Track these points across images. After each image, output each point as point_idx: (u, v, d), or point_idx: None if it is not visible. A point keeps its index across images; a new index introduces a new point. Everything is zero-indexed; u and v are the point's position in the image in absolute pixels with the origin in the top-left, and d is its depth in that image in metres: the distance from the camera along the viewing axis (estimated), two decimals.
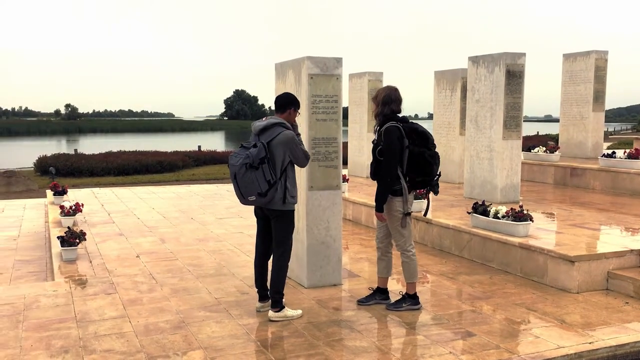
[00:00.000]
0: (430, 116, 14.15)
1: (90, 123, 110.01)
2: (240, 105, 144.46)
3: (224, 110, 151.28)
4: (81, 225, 8.98)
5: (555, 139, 22.41)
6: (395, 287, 5.72)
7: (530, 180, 11.85)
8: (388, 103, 5.02)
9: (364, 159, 12.67)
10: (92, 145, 45.19)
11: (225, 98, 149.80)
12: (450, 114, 11.56)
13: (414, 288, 5.28)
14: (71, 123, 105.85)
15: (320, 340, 4.54)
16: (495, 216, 6.72)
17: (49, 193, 11.56)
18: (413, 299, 5.26)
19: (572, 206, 8.88)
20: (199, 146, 31.74)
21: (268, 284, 5.12)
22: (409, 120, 5.05)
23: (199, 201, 11.94)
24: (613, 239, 6.58)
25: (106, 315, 5.09)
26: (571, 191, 10.59)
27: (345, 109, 5.95)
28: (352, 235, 8.53)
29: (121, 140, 56.72)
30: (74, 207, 8.93)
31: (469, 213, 7.13)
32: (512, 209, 6.70)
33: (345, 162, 13.34)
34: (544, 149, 12.13)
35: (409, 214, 5.09)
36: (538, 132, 43.06)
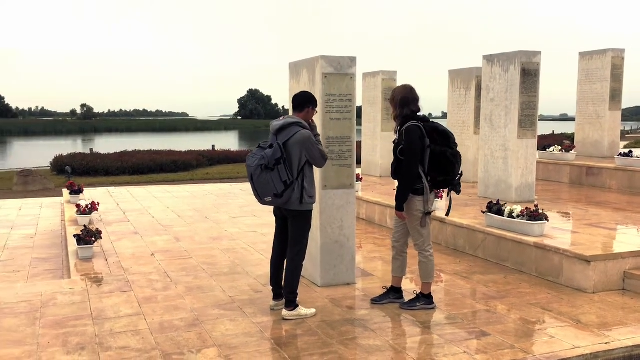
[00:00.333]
0: (444, 115, 14.09)
1: (105, 123, 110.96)
2: (254, 105, 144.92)
3: (238, 109, 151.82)
4: (97, 224, 9.06)
5: (571, 138, 22.21)
6: (409, 287, 5.71)
7: (546, 180, 11.76)
8: (406, 104, 5.00)
9: (378, 158, 12.65)
10: (108, 144, 45.60)
11: (239, 97, 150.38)
12: (464, 113, 11.50)
13: (429, 288, 5.26)
14: (87, 123, 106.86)
15: (334, 338, 4.55)
16: (510, 215, 6.68)
17: (65, 192, 11.69)
18: (427, 299, 5.25)
19: (588, 206, 8.79)
20: (213, 145, 31.91)
21: (283, 282, 5.14)
22: (430, 120, 5.03)
23: (213, 200, 11.99)
24: (630, 239, 6.51)
25: (122, 313, 5.14)
26: (587, 191, 10.49)
27: (359, 109, 5.94)
28: (366, 235, 8.52)
29: (136, 139, 57.15)
30: (90, 206, 9.02)
31: (484, 212, 7.10)
32: (527, 208, 6.65)
33: (359, 162, 13.34)
34: (560, 148, 12.03)
35: (430, 213, 5.08)
36: (554, 131, 42.70)
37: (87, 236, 7.09)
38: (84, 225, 7.64)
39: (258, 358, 4.19)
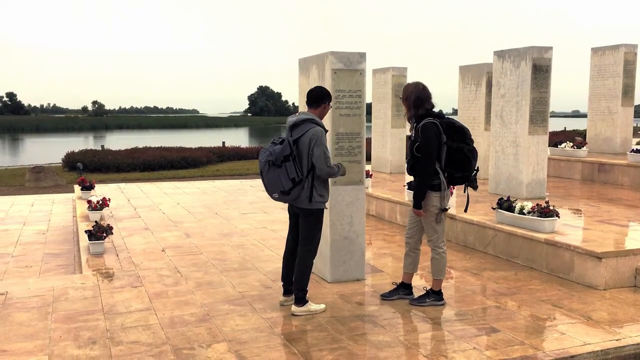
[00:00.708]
0: (455, 112, 14.03)
1: (116, 119, 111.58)
2: (264, 102, 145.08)
3: (248, 106, 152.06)
4: (108, 220, 9.12)
5: (583, 134, 22.04)
6: (419, 283, 5.70)
7: (557, 176, 11.69)
8: (421, 104, 4.97)
9: (388, 154, 12.63)
10: (119, 141, 45.85)
11: (249, 94, 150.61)
12: (475, 109, 11.45)
13: (439, 285, 5.25)
14: (98, 119, 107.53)
15: (344, 334, 4.55)
16: (521, 212, 6.65)
17: (77, 188, 11.77)
18: (437, 295, 5.24)
19: (600, 202, 8.73)
20: (223, 142, 31.99)
21: (293, 279, 5.15)
22: (445, 116, 5.01)
23: (223, 196, 12.03)
24: None
25: (132, 308, 5.17)
26: (599, 187, 10.42)
27: (368, 105, 5.92)
28: (376, 231, 8.52)
29: (147, 136, 57.41)
30: (101, 202, 9.08)
31: (494, 209, 7.07)
32: (538, 204, 6.61)
33: (368, 158, 13.32)
34: (571, 144, 11.95)
35: (446, 209, 5.07)
36: (565, 128, 42.41)
37: (99, 232, 7.14)
38: (95, 221, 7.70)
39: (268, 353, 4.20)
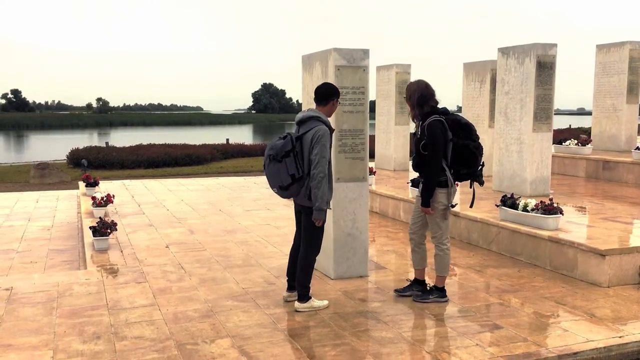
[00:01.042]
0: (459, 109, 14.00)
1: (120, 116, 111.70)
2: (268, 99, 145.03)
3: (252, 103, 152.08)
4: (112, 216, 9.15)
5: (588, 132, 21.98)
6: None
7: (562, 174, 11.66)
8: (425, 102, 4.97)
9: (392, 151, 12.62)
10: (123, 138, 45.94)
11: (253, 91, 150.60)
12: (479, 106, 11.43)
13: (443, 282, 5.26)
14: (102, 116, 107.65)
15: (347, 330, 4.57)
16: (525, 209, 6.64)
17: (81, 185, 11.81)
18: (440, 292, 5.24)
19: (604, 200, 8.71)
20: (227, 139, 31.99)
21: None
22: (450, 112, 5.00)
23: (227, 193, 12.05)
24: None
25: (137, 303, 5.20)
26: (603, 185, 10.39)
27: (372, 102, 5.92)
28: (379, 228, 8.52)
29: (151, 133, 57.50)
30: (105, 199, 9.11)
31: (498, 206, 7.06)
32: (542, 201, 6.61)
33: (372, 155, 13.31)
34: (576, 141, 11.91)
35: (452, 206, 5.07)
36: (570, 125, 42.27)
37: (103, 228, 7.17)
38: (100, 217, 7.73)
39: (271, 349, 4.22)
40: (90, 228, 7.39)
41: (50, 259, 7.46)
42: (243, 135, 51.77)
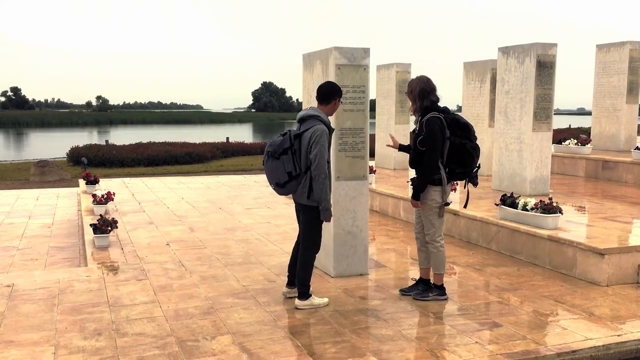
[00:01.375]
0: (459, 108, 14.02)
1: (120, 114, 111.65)
2: (268, 98, 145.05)
3: (252, 102, 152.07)
4: (112, 214, 9.17)
5: (588, 131, 22.00)
6: (415, 276, 5.71)
7: (561, 173, 11.69)
8: (425, 96, 4.99)
9: (391, 150, 12.62)
10: (123, 136, 45.95)
11: (253, 90, 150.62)
12: (479, 105, 11.44)
13: (441, 279, 5.28)
14: (102, 114, 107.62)
15: (347, 327, 4.59)
16: (524, 208, 6.66)
17: (82, 182, 11.83)
18: (440, 290, 5.26)
19: (604, 199, 8.74)
20: (227, 138, 32.00)
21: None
22: (451, 111, 5.03)
23: (227, 192, 12.07)
24: None
25: (137, 300, 5.22)
26: (603, 184, 10.41)
27: (372, 101, 5.94)
28: (379, 227, 8.54)
29: (151, 131, 57.50)
30: (105, 196, 9.13)
31: (498, 205, 7.08)
32: (541, 201, 6.63)
33: (372, 154, 13.32)
34: (576, 141, 11.94)
35: (447, 204, 5.09)
36: (570, 125, 42.30)
37: (104, 225, 7.19)
38: (100, 215, 7.74)
39: (271, 346, 4.24)
40: (90, 225, 7.40)
41: (50, 256, 7.47)
42: (243, 134, 51.78)
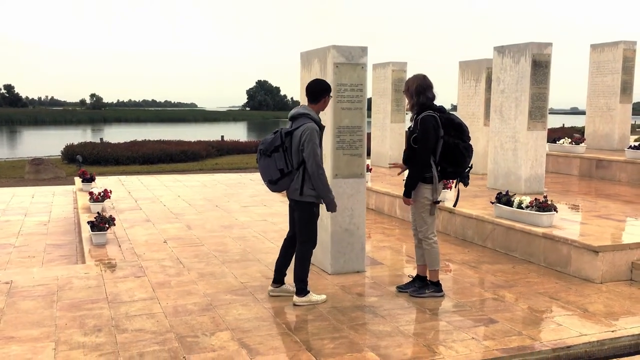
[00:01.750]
0: (453, 108, 14.09)
1: (114, 113, 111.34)
2: (263, 96, 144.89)
3: (246, 100, 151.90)
4: (109, 211, 9.17)
5: (581, 131, 22.13)
6: (412, 273, 5.77)
7: (555, 172, 11.77)
8: (422, 92, 5.05)
9: (387, 149, 12.70)
10: (117, 134, 45.84)
11: (248, 88, 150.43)
12: (474, 104, 11.51)
13: (436, 276, 5.33)
14: (96, 112, 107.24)
15: (344, 324, 4.63)
16: (519, 206, 6.73)
17: (77, 180, 11.83)
18: (436, 287, 5.32)
19: (598, 198, 8.82)
20: (222, 136, 31.99)
21: (287, 270, 5.28)
22: (446, 111, 5.09)
23: (223, 189, 12.09)
24: (638, 230, 6.56)
25: (136, 297, 5.25)
26: (597, 183, 10.50)
27: (368, 100, 6.00)
28: (375, 224, 8.59)
29: (145, 129, 57.36)
30: (102, 194, 9.14)
31: (493, 203, 7.14)
32: (536, 199, 6.69)
33: (368, 153, 13.39)
34: (570, 140, 12.03)
35: (438, 202, 5.15)
36: (564, 125, 42.50)
37: (101, 223, 7.20)
38: (98, 212, 7.76)
39: (270, 341, 4.28)
40: (88, 223, 7.42)
41: (47, 254, 7.48)
42: (238, 132, 51.74)
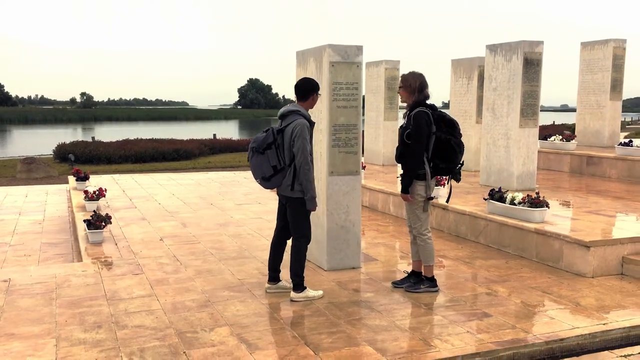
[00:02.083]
0: (445, 105, 14.18)
1: (105, 111, 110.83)
2: (254, 94, 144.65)
3: (238, 99, 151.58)
4: (104, 210, 9.19)
5: (572, 128, 22.32)
6: (406, 269, 5.85)
7: (547, 169, 11.90)
8: (423, 89, 5.15)
9: (381, 146, 12.78)
10: (109, 133, 45.67)
11: (239, 87, 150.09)
12: (466, 102, 11.61)
13: (431, 271, 5.41)
14: (87, 111, 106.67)
15: (341, 319, 4.70)
16: (512, 202, 6.82)
17: (71, 179, 11.83)
18: (431, 282, 5.40)
19: (588, 194, 8.94)
20: (214, 134, 31.97)
21: (281, 266, 5.35)
22: (437, 109, 5.17)
23: (217, 188, 12.13)
24: (628, 225, 6.67)
25: (135, 294, 5.29)
26: (587, 179, 10.63)
27: (362, 98, 6.08)
28: (369, 221, 8.66)
29: (137, 128, 57.17)
30: (97, 192, 9.16)
31: (486, 199, 7.24)
32: (529, 195, 6.79)
33: (362, 150, 13.44)
34: (561, 137, 12.16)
35: (431, 198, 5.23)
36: (554, 122, 42.79)
37: (97, 221, 7.23)
38: (94, 211, 7.78)
39: (269, 336, 4.35)
40: (84, 221, 7.44)
41: (43, 252, 7.51)
42: (230, 131, 51.66)
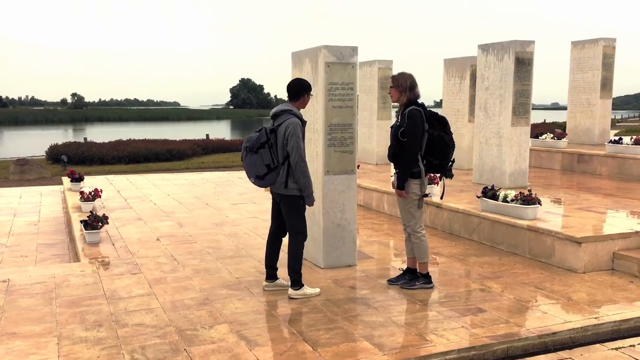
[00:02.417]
0: (437, 104, 14.28)
1: (96, 112, 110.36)
2: (246, 94, 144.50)
3: (230, 99, 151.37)
4: (100, 211, 9.22)
5: (562, 126, 22.52)
6: (401, 266, 5.93)
7: (538, 167, 12.03)
8: (413, 88, 5.26)
9: (374, 146, 12.87)
10: (100, 133, 45.52)
11: (231, 87, 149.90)
12: (459, 101, 11.73)
13: (426, 268, 5.51)
14: (78, 112, 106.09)
15: (339, 315, 4.79)
16: (505, 200, 6.93)
17: (66, 180, 11.84)
18: (426, 278, 5.49)
19: (579, 191, 9.07)
20: (207, 135, 31.96)
21: (277, 264, 5.43)
22: (427, 108, 5.28)
23: (212, 188, 12.18)
24: (619, 222, 6.79)
25: (134, 293, 5.35)
26: (578, 177, 10.77)
27: None
28: (364, 220, 8.75)
29: (129, 128, 57.00)
30: (93, 193, 9.19)
31: (479, 197, 7.34)
32: (521, 193, 6.90)
33: None
34: (552, 135, 12.29)
35: (425, 195, 5.33)
36: (545, 120, 43.08)
37: (94, 221, 7.27)
38: (90, 211, 7.82)
39: (268, 333, 4.42)
40: (81, 222, 7.48)
41: (40, 253, 7.54)
42: (222, 131, 51.61)
